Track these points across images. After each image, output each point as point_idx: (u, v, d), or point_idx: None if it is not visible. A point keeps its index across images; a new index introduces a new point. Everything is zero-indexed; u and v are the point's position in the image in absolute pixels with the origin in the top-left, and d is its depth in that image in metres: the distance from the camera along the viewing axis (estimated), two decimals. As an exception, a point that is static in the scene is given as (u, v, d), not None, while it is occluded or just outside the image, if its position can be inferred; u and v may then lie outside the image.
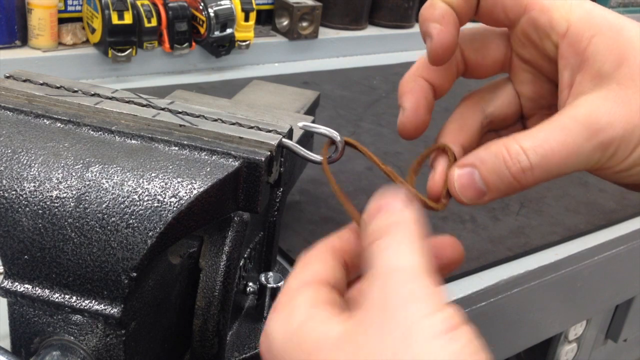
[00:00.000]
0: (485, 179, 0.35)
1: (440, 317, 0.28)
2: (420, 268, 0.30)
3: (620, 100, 0.34)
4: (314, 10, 1.36)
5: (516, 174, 0.34)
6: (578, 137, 0.34)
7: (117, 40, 1.08)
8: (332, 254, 0.36)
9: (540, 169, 0.34)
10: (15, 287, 0.37)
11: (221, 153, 0.40)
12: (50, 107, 0.42)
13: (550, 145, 0.34)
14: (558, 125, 0.34)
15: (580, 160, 0.34)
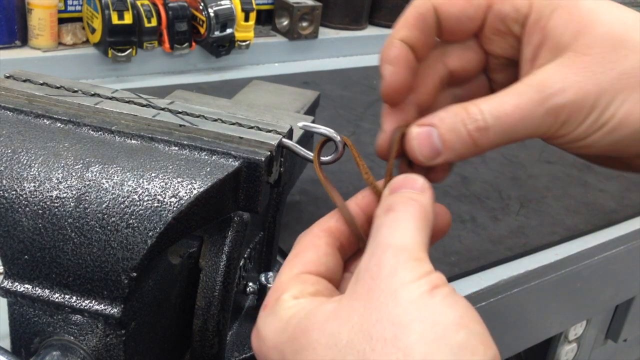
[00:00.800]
0: (443, 136, 0.36)
1: (423, 281, 0.30)
2: (413, 245, 0.32)
3: (575, 67, 0.35)
4: (314, 10, 1.36)
5: (472, 132, 0.36)
6: (531, 101, 0.35)
7: (117, 40, 1.08)
8: (326, 239, 0.37)
9: (495, 129, 0.35)
10: (15, 287, 0.37)
11: (221, 153, 0.40)
12: (50, 107, 0.42)
13: (505, 108, 0.35)
14: (514, 90, 0.36)
15: (533, 124, 0.35)
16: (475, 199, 0.90)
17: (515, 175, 0.99)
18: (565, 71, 0.35)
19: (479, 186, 0.94)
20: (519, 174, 1.00)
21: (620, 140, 0.35)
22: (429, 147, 0.37)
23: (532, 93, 0.35)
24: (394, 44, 0.39)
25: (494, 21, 0.39)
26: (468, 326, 0.29)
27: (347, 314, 0.30)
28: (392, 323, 0.29)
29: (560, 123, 0.35)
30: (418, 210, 0.34)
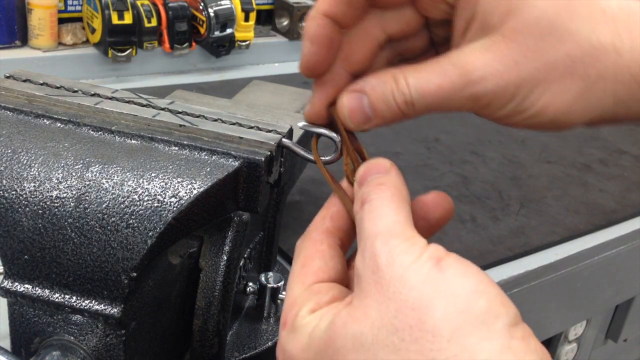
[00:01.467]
0: (373, 105, 0.37)
1: (425, 257, 0.30)
2: (396, 227, 0.32)
3: (499, 54, 0.35)
4: (314, 10, 1.36)
5: (400, 105, 0.36)
6: (453, 85, 0.35)
7: (117, 40, 1.08)
8: (328, 241, 0.37)
9: (420, 105, 0.36)
10: (15, 287, 0.37)
11: (221, 153, 0.40)
12: (50, 107, 0.42)
13: (429, 87, 0.36)
14: (440, 68, 0.36)
15: (456, 105, 0.36)
16: (475, 199, 0.90)
17: (515, 175, 0.99)
18: (488, 57, 0.35)
19: (479, 186, 0.94)
20: (519, 174, 1.00)
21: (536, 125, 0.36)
22: (359, 114, 0.38)
23: (455, 77, 0.35)
24: (315, 19, 0.38)
25: None
26: (485, 291, 0.29)
27: (363, 312, 0.30)
28: (412, 308, 0.29)
29: (481, 107, 0.36)
30: (390, 191, 0.34)
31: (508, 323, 0.29)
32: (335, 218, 0.38)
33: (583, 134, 1.20)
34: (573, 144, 1.15)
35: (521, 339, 0.29)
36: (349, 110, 0.38)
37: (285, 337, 0.34)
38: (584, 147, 1.14)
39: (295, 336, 0.33)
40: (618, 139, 1.19)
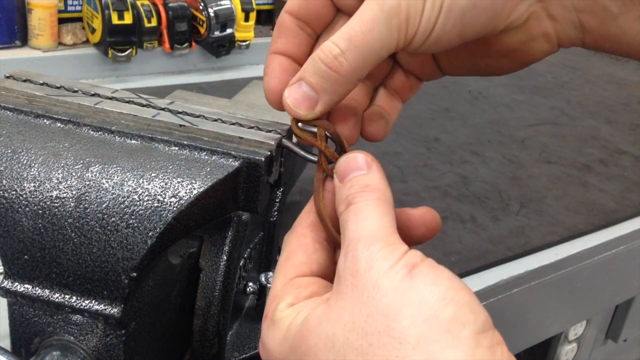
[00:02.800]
0: (310, 82, 0.38)
1: (400, 265, 0.31)
2: (380, 232, 0.33)
3: None
4: (314, 10, 1.36)
5: (330, 64, 0.37)
6: (372, 13, 0.36)
7: (117, 40, 1.08)
8: (312, 235, 0.38)
9: (350, 52, 0.36)
10: (15, 287, 0.37)
11: (221, 153, 0.40)
12: (50, 107, 0.42)
13: (353, 27, 0.36)
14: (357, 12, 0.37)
15: (382, 32, 0.36)
16: (475, 199, 0.90)
17: (515, 175, 0.99)
18: None
19: (479, 186, 0.94)
20: (519, 174, 1.00)
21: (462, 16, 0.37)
22: (302, 99, 0.38)
23: (372, 5, 0.37)
24: (268, 58, 0.41)
25: None
26: (454, 298, 0.29)
27: (337, 314, 0.31)
28: (382, 314, 0.29)
29: (404, 20, 0.36)
30: (375, 195, 0.35)
31: (475, 331, 0.29)
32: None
33: (583, 134, 1.20)
34: (573, 144, 1.15)
35: (487, 347, 0.29)
36: (292, 99, 0.38)
37: (265, 330, 0.35)
38: (584, 147, 1.14)
39: (274, 329, 0.34)
40: (618, 139, 1.19)
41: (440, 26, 0.37)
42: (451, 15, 0.37)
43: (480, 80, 1.43)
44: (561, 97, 1.40)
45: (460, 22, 0.37)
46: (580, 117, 1.29)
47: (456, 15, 0.37)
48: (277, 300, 0.35)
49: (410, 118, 1.15)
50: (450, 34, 0.37)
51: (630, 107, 1.40)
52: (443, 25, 0.37)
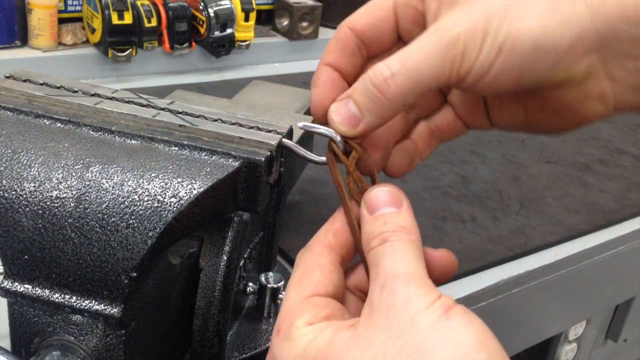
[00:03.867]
0: (357, 101, 0.38)
1: (436, 305, 0.32)
2: (417, 272, 0.34)
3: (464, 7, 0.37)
4: (314, 10, 1.36)
5: (379, 85, 0.37)
6: (429, 41, 0.37)
7: (117, 40, 1.08)
8: (329, 256, 0.38)
9: (400, 75, 0.36)
10: (15, 287, 0.37)
11: (221, 153, 0.40)
12: (50, 107, 0.42)
13: (407, 52, 0.37)
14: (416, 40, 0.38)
15: (436, 61, 0.36)
16: (475, 199, 0.90)
17: (515, 175, 0.99)
18: (456, 12, 0.37)
19: (479, 186, 0.94)
20: (519, 174, 1.00)
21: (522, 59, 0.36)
22: (347, 116, 0.38)
23: (430, 35, 0.37)
24: (320, 69, 0.41)
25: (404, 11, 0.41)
26: (488, 346, 0.31)
27: (368, 341, 0.32)
28: (416, 350, 0.30)
29: (460, 54, 0.36)
30: (409, 237, 0.35)
31: None
32: (338, 234, 0.39)
33: (583, 134, 1.20)
34: (573, 144, 1.15)
35: None
36: (336, 115, 0.39)
37: (279, 345, 0.35)
38: (584, 147, 1.14)
39: (289, 345, 0.34)
40: (618, 139, 1.19)
41: (498, 67, 0.36)
42: (511, 57, 0.36)
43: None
44: (561, 97, 1.40)
45: (520, 66, 0.36)
46: (580, 117, 1.29)
47: (516, 58, 0.36)
48: (293, 317, 0.35)
49: (410, 118, 1.15)
50: (507, 76, 0.37)
51: (630, 107, 1.39)
52: (501, 67, 0.36)
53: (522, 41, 0.36)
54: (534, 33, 0.36)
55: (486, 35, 0.36)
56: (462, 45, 0.36)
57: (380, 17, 0.41)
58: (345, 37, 0.42)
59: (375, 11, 0.42)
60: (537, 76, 0.37)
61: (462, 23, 0.36)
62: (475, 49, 0.36)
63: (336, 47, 0.42)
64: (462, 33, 0.36)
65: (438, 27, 0.37)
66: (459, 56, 0.36)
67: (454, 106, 0.45)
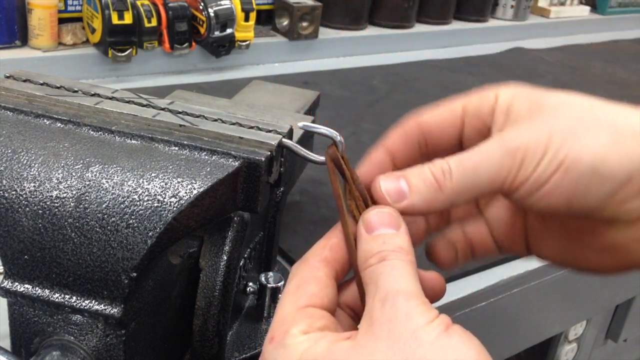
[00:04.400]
0: (409, 180, 0.39)
1: (437, 322, 0.33)
2: (416, 291, 0.35)
3: (528, 121, 0.39)
4: (314, 10, 1.36)
5: (437, 175, 0.38)
6: (490, 146, 0.38)
7: (117, 40, 1.08)
8: (325, 270, 0.39)
9: (457, 172, 0.37)
10: (15, 287, 0.37)
11: (221, 153, 0.40)
12: (50, 107, 0.42)
13: (468, 154, 0.38)
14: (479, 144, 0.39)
15: (494, 165, 0.37)
16: (475, 199, 0.90)
17: (515, 175, 0.99)
18: (520, 126, 0.39)
19: (479, 186, 0.94)
20: (519, 174, 1.00)
21: (578, 180, 0.36)
22: (395, 189, 0.39)
23: (493, 141, 0.38)
24: (377, 148, 0.43)
25: (470, 120, 0.42)
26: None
27: (369, 352, 0.32)
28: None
29: (518, 163, 0.37)
30: (407, 257, 0.36)
31: None
32: (334, 249, 0.39)
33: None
34: (573, 144, 1.15)
35: None
36: (384, 184, 0.39)
37: (272, 352, 0.35)
38: (584, 147, 1.14)
39: (284, 353, 0.35)
40: (618, 139, 1.19)
41: (552, 183, 0.36)
42: (567, 176, 0.36)
43: (480, 80, 1.43)
44: (561, 97, 1.40)
45: (574, 186, 0.36)
46: (580, 117, 1.29)
47: (572, 178, 0.36)
48: (288, 325, 0.35)
49: (410, 118, 1.15)
50: (559, 195, 0.37)
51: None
52: (556, 184, 0.36)
53: (580, 163, 0.36)
54: (593, 157, 0.36)
55: (547, 151, 0.36)
56: (521, 155, 0.37)
57: (448, 121, 0.43)
58: (410, 129, 0.43)
59: (445, 114, 0.43)
60: (589, 202, 0.37)
61: (524, 136, 0.37)
62: (534, 161, 0.37)
63: (399, 135, 0.43)
64: (523, 144, 0.37)
65: (501, 136, 0.38)
66: (516, 165, 0.37)
67: (490, 224, 0.46)
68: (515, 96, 0.41)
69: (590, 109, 0.39)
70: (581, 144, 0.36)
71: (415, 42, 1.59)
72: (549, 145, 0.36)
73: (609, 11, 2.07)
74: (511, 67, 1.56)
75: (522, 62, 1.61)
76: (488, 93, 0.42)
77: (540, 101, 0.40)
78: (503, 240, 0.46)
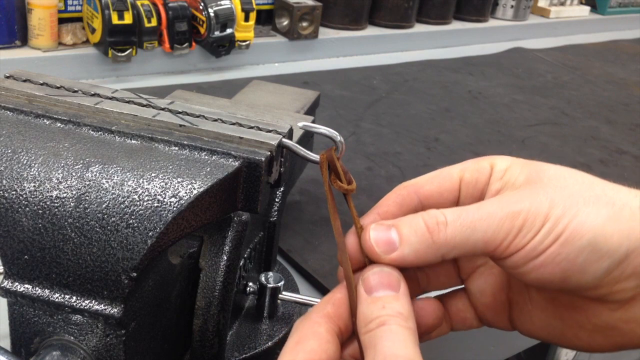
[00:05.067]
0: (400, 230, 0.38)
1: None
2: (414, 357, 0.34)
3: (530, 188, 0.39)
4: (314, 10, 1.36)
5: (430, 224, 0.37)
6: (491, 206, 0.37)
7: (117, 40, 1.08)
8: (326, 325, 0.38)
9: (453, 225, 0.37)
10: (15, 287, 0.37)
11: (221, 153, 0.40)
12: (50, 107, 0.42)
13: (468, 209, 0.37)
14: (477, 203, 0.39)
15: (492, 225, 0.37)
16: (475, 199, 0.90)
17: (515, 175, 0.99)
18: (521, 192, 0.38)
19: (479, 186, 0.94)
20: (519, 174, 1.00)
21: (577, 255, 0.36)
22: (385, 239, 0.38)
23: (493, 202, 0.38)
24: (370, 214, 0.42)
25: (467, 189, 0.42)
26: None
27: None
28: None
29: (517, 228, 0.36)
30: (407, 324, 0.36)
31: None
32: (337, 305, 0.39)
33: (583, 134, 1.20)
34: (573, 144, 1.15)
35: None
36: (375, 234, 0.38)
37: None
38: (584, 147, 1.14)
39: None
40: (618, 139, 1.19)
41: (549, 254, 0.36)
42: (564, 249, 0.36)
43: (480, 80, 1.43)
44: (561, 97, 1.40)
45: (572, 260, 0.36)
46: (580, 117, 1.29)
47: (570, 251, 0.36)
48: None
49: (410, 118, 1.15)
50: (555, 267, 0.36)
51: (630, 107, 1.40)
52: (553, 255, 0.36)
53: (580, 236, 0.36)
54: (593, 232, 0.36)
55: (547, 220, 0.36)
56: (521, 220, 0.36)
57: (446, 189, 0.43)
58: (407, 196, 0.42)
59: (442, 182, 0.43)
60: (585, 278, 0.36)
61: (526, 202, 0.37)
62: (533, 229, 0.36)
63: (394, 202, 0.42)
64: (525, 209, 0.36)
65: (502, 198, 0.38)
66: (515, 230, 0.36)
67: (472, 296, 0.44)
68: (511, 165, 0.41)
69: (590, 185, 0.38)
70: (582, 218, 0.36)
71: (415, 42, 1.59)
72: (550, 214, 0.36)
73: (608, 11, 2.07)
74: (511, 67, 1.56)
75: (522, 62, 1.61)
76: (484, 163, 0.43)
77: (538, 171, 0.40)
78: (485, 313, 0.44)
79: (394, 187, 0.43)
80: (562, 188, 0.38)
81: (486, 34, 1.75)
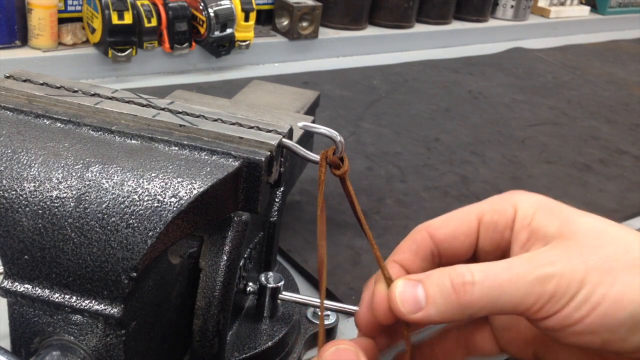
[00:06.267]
0: (427, 289, 0.37)
1: None
2: None
3: (562, 247, 0.36)
4: (314, 10, 1.36)
5: (457, 286, 0.36)
6: (520, 267, 0.35)
7: (117, 40, 1.08)
8: None
9: (481, 286, 0.35)
10: (15, 287, 0.37)
11: (221, 153, 0.40)
12: (50, 107, 0.42)
13: (495, 269, 0.36)
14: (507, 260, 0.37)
15: (522, 289, 0.35)
16: (475, 199, 0.90)
17: (515, 175, 0.99)
18: (553, 250, 0.36)
19: (479, 186, 0.94)
20: (519, 174, 1.00)
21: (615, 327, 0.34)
22: (411, 299, 0.37)
23: (523, 262, 0.36)
24: (389, 265, 0.41)
25: (486, 232, 0.40)
26: None
27: None
28: None
29: (548, 294, 0.35)
30: None
31: None
32: None
33: (583, 134, 1.20)
34: (573, 144, 1.15)
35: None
36: (401, 294, 0.37)
37: None
38: (584, 147, 1.14)
39: None
40: (618, 139, 1.19)
41: (586, 325, 0.34)
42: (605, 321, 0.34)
43: (480, 80, 1.43)
44: (561, 97, 1.40)
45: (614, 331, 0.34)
46: (580, 117, 1.29)
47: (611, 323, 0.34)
48: None
49: (410, 118, 1.15)
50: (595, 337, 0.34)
51: (630, 107, 1.40)
52: (592, 326, 0.34)
53: (621, 308, 0.34)
54: (635, 304, 0.34)
55: (582, 287, 0.34)
56: (553, 286, 0.34)
57: (463, 232, 0.41)
58: (422, 241, 0.41)
59: (459, 224, 0.41)
60: (626, 346, 0.35)
61: (558, 265, 0.35)
62: (566, 296, 0.34)
63: (409, 249, 0.41)
64: (557, 274, 0.34)
65: (532, 258, 0.36)
66: (547, 296, 0.34)
67: (495, 329, 0.43)
68: (537, 210, 0.39)
69: (627, 245, 0.36)
70: (620, 287, 0.34)
71: (415, 42, 1.59)
72: (585, 282, 0.34)
73: (608, 11, 2.07)
74: (511, 67, 1.56)
75: (522, 62, 1.61)
76: (505, 204, 0.40)
77: (570, 223, 0.37)
78: (508, 346, 0.43)
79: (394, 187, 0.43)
80: (597, 248, 0.35)
81: (486, 34, 1.75)
